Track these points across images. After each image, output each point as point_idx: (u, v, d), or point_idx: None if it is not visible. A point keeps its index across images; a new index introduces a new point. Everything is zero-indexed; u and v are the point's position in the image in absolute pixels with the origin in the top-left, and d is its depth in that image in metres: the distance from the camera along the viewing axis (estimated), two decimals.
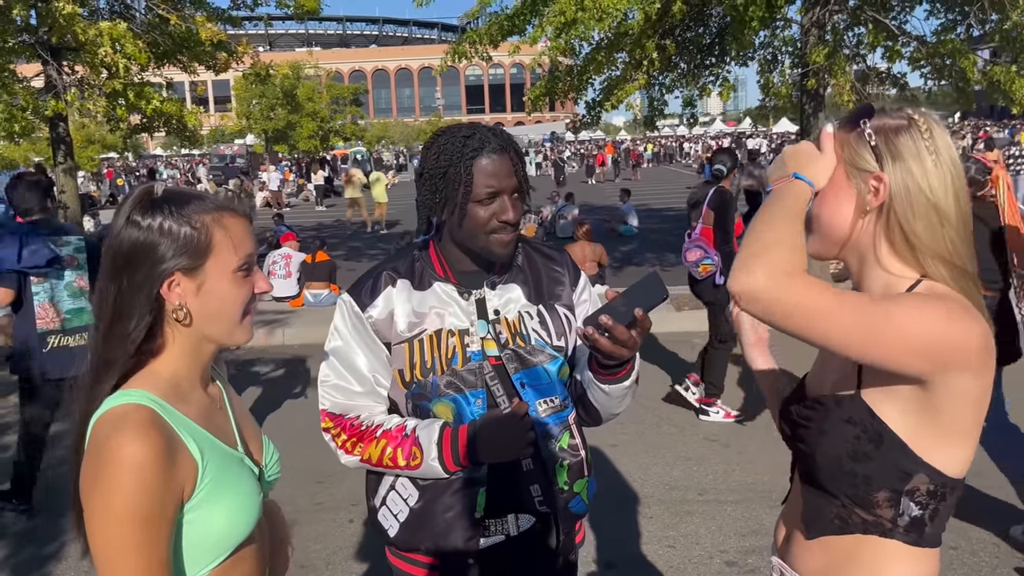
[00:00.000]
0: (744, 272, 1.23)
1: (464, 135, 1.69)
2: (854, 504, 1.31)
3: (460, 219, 1.68)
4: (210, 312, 1.28)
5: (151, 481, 1.13)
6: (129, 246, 1.23)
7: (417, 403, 1.75)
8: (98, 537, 1.14)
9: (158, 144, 57.82)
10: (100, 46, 7.49)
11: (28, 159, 33.55)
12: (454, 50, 9.59)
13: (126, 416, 1.17)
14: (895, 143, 1.28)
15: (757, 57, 10.36)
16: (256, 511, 1.31)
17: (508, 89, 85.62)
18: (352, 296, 1.79)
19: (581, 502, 1.83)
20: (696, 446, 5.05)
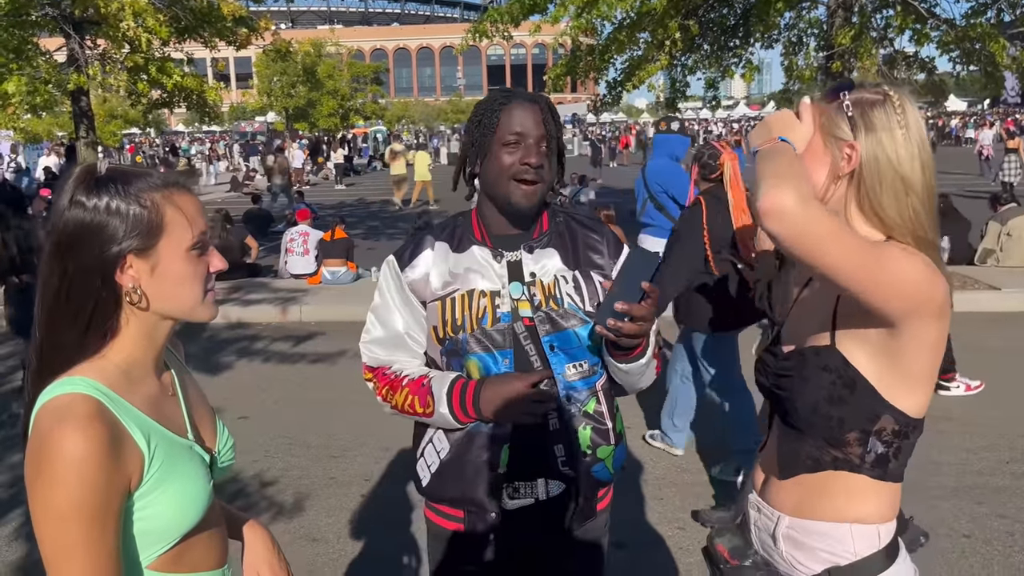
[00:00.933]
0: (776, 189, 1.28)
1: (502, 89, 1.82)
2: (827, 444, 1.45)
3: (489, 162, 1.76)
4: (166, 293, 1.23)
5: (95, 475, 1.10)
6: (75, 227, 1.17)
7: (450, 359, 1.82)
8: (44, 532, 1.11)
9: (180, 120, 58.09)
10: (122, 20, 7.51)
11: (52, 133, 33.83)
12: (475, 29, 9.55)
13: (69, 407, 1.13)
14: (870, 115, 1.40)
15: (782, 39, 10.22)
16: (205, 498, 1.28)
17: (530, 70, 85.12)
18: (395, 257, 1.90)
19: (605, 469, 1.85)
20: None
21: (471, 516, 1.83)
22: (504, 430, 1.76)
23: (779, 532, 1.53)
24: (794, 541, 1.51)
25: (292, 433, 5.17)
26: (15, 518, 4.12)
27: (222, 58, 13.00)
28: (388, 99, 54.07)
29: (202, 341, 7.59)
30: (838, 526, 1.47)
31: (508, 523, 1.81)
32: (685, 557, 3.61)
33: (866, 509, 1.47)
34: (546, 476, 1.81)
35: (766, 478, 1.60)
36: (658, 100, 13.13)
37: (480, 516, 1.82)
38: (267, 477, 4.53)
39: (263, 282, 9.93)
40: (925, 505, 3.86)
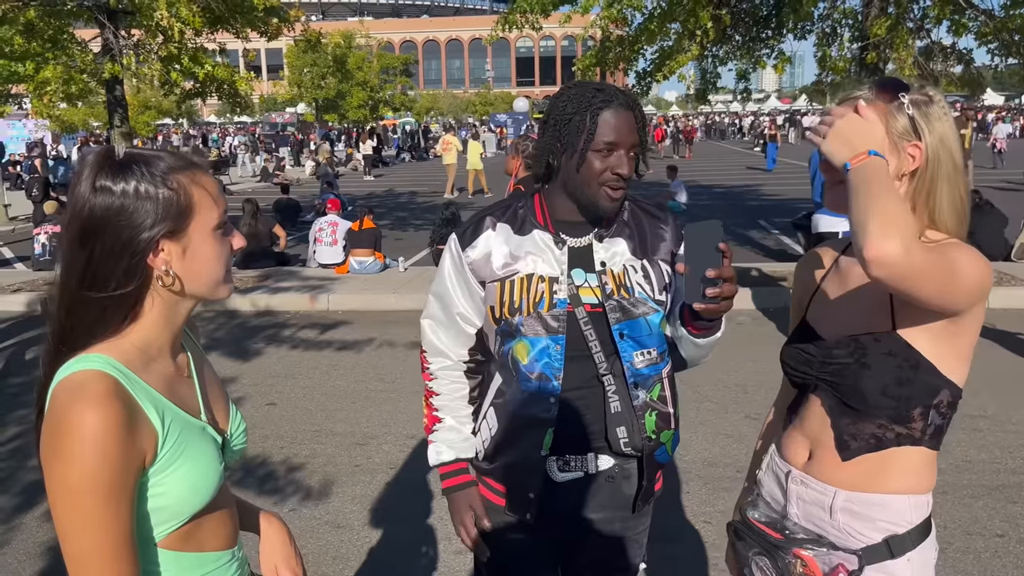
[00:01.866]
0: (884, 239, 1.32)
1: (595, 87, 1.80)
2: (891, 422, 1.54)
3: (577, 166, 1.77)
4: (195, 274, 1.24)
5: (111, 452, 1.10)
6: (103, 212, 1.16)
7: (503, 339, 1.87)
8: (59, 508, 1.12)
9: (212, 111, 58.67)
10: (156, 9, 7.58)
11: (87, 123, 34.33)
12: (504, 19, 9.50)
13: (86, 385, 1.13)
14: (928, 115, 1.49)
15: (815, 30, 10.03)
16: (216, 478, 1.28)
17: (559, 61, 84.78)
18: (457, 236, 1.94)
19: (665, 452, 1.92)
20: (737, 424, 4.99)
21: (512, 492, 1.91)
22: (550, 415, 1.81)
23: (836, 505, 1.59)
24: (852, 513, 1.58)
25: (318, 420, 5.21)
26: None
27: (253, 49, 13.08)
28: (417, 91, 54.16)
29: (231, 328, 7.67)
30: (897, 497, 1.56)
31: (556, 494, 1.87)
32: (712, 552, 3.58)
33: (919, 480, 1.58)
34: (596, 451, 1.85)
35: (811, 457, 1.65)
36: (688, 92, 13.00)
37: (521, 492, 1.89)
38: (294, 463, 4.57)
39: (292, 271, 10.01)
40: (959, 504, 3.80)
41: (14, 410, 5.52)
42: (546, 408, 1.81)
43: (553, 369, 1.80)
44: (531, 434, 1.83)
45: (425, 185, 22.65)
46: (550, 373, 1.80)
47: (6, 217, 16.07)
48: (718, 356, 6.22)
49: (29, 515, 4.02)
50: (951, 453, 4.34)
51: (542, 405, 1.81)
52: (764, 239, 12.20)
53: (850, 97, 1.54)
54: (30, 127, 24.16)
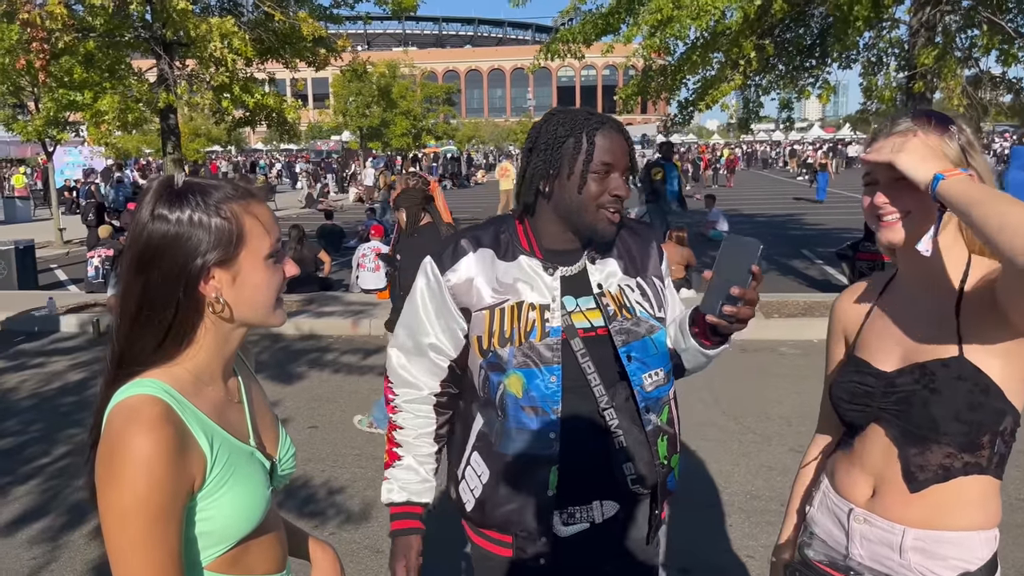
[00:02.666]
0: None
1: (586, 111, 1.76)
2: (960, 450, 1.50)
3: (578, 188, 1.70)
4: (246, 301, 1.26)
5: (162, 476, 1.13)
6: (159, 239, 1.19)
7: (490, 373, 1.75)
8: (111, 530, 1.15)
9: (259, 139, 59.95)
10: (210, 41, 7.82)
11: (140, 150, 35.29)
12: (547, 48, 9.61)
13: (139, 410, 1.16)
14: (973, 144, 1.52)
15: (860, 59, 9.96)
16: (264, 503, 1.30)
17: (600, 91, 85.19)
18: (434, 259, 1.82)
19: (674, 478, 1.85)
20: (781, 456, 4.91)
21: (520, 540, 1.78)
22: (551, 451, 1.70)
23: (906, 544, 1.55)
24: (924, 552, 1.54)
25: (360, 444, 5.25)
26: (96, 517, 4.28)
27: (301, 78, 13.38)
28: (459, 119, 54.76)
29: (275, 351, 7.78)
30: (969, 535, 1.53)
31: (562, 549, 1.76)
32: None
33: (988, 513, 1.55)
34: (600, 498, 1.76)
35: (875, 494, 1.60)
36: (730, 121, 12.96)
37: (530, 540, 1.76)
38: (335, 486, 4.60)
39: (335, 296, 10.14)
40: (1013, 543, 3.68)
41: (64, 429, 5.65)
42: (547, 444, 1.70)
43: (551, 402, 1.70)
44: (534, 475, 1.72)
45: (466, 212, 22.82)
46: (548, 407, 1.70)
47: (61, 241, 16.55)
48: (761, 387, 6.12)
49: (76, 533, 4.11)
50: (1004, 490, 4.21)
51: (542, 442, 1.70)
52: (808, 269, 12.04)
53: (899, 130, 1.50)
54: (86, 154, 24.94)
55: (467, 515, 1.85)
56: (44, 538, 4.07)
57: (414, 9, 9.25)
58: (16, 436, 5.55)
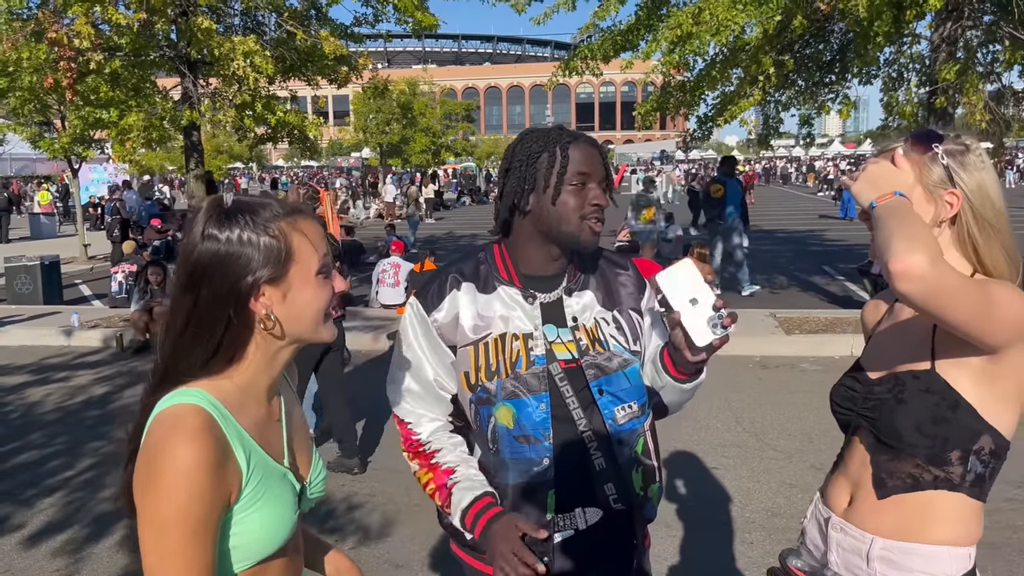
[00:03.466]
0: (910, 252, 1.34)
1: (558, 127, 1.77)
2: (928, 463, 1.52)
3: (553, 199, 1.70)
4: (296, 317, 1.27)
5: (202, 487, 1.14)
6: (209, 258, 1.21)
7: (480, 407, 1.76)
8: (148, 539, 1.15)
9: (280, 156, 60.57)
10: (233, 59, 7.94)
11: (163, 167, 35.76)
12: (565, 65, 9.65)
13: (183, 419, 1.17)
14: (964, 163, 1.53)
15: (881, 74, 9.92)
16: (290, 525, 1.30)
17: (619, 107, 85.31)
18: (419, 299, 1.82)
19: (653, 507, 1.85)
20: (802, 473, 4.86)
21: None
22: (548, 477, 1.71)
23: (873, 554, 1.57)
24: (889, 562, 1.55)
25: (379, 458, 5.26)
26: (120, 529, 4.31)
27: (322, 95, 13.52)
28: (478, 136, 55.04)
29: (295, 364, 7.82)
30: (936, 548, 1.53)
31: (566, 558, 1.77)
32: None
33: (961, 531, 1.53)
34: (582, 505, 1.76)
35: (851, 500, 1.64)
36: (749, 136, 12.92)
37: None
38: (355, 501, 4.61)
39: (355, 311, 10.19)
40: (1003, 561, 3.63)
41: (88, 442, 5.71)
42: (543, 471, 1.72)
43: (541, 429, 1.71)
44: (533, 501, 1.73)
45: (485, 227, 22.91)
46: (539, 434, 1.71)
47: (86, 256, 16.78)
48: (782, 404, 6.08)
49: (100, 545, 4.14)
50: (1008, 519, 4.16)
51: (538, 468, 1.71)
52: (829, 285, 11.96)
53: (886, 149, 1.59)
54: (110, 170, 25.27)
55: (466, 543, 1.81)
56: (67, 549, 4.10)
57: (435, 28, 9.34)
58: (40, 449, 5.61)
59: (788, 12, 7.78)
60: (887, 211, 1.45)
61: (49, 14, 7.75)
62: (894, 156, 1.56)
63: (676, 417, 1.96)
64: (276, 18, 9.10)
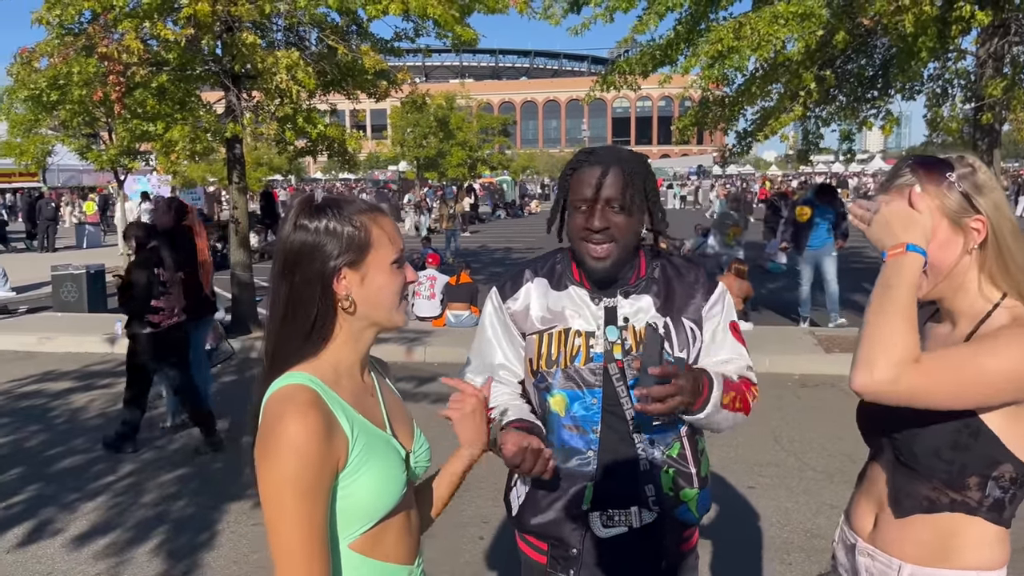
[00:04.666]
0: (866, 370, 1.40)
1: (588, 150, 1.88)
2: (945, 486, 1.50)
3: (559, 226, 1.93)
4: (372, 300, 1.40)
5: (310, 457, 1.26)
6: (299, 246, 1.36)
7: (540, 393, 1.90)
8: (267, 504, 1.28)
9: (318, 168, 61.34)
10: (275, 73, 8.06)
11: (205, 179, 36.42)
12: (603, 79, 9.66)
13: (292, 397, 1.31)
14: (978, 185, 1.50)
15: (925, 90, 9.78)
16: (401, 485, 1.40)
17: (655, 121, 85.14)
18: (498, 289, 2.01)
19: (689, 511, 1.89)
20: (843, 493, 4.73)
21: (554, 548, 1.89)
22: (589, 468, 1.82)
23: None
24: None
25: None
26: (160, 534, 4.37)
27: (361, 109, 13.68)
28: (514, 150, 55.26)
29: None
30: (962, 573, 1.52)
31: (601, 551, 1.86)
32: None
33: (986, 556, 1.52)
34: (639, 505, 1.85)
35: (876, 525, 1.63)
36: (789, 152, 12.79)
37: (562, 549, 1.88)
38: None
39: None
40: None
41: None
42: (585, 462, 1.83)
43: (591, 422, 1.82)
44: (571, 489, 1.84)
45: (519, 241, 22.94)
46: (587, 426, 1.82)
47: None
48: (822, 423, 5.97)
49: (140, 550, 4.20)
50: None
51: (581, 459, 1.83)
52: None
53: (897, 185, 1.53)
54: (154, 182, 25.79)
55: (512, 519, 1.97)
56: (109, 553, 4.17)
57: (475, 42, 9.39)
58: (84, 454, 5.72)
59: (830, 27, 7.71)
60: (881, 281, 1.47)
61: (99, 29, 7.94)
62: (911, 196, 1.49)
63: (712, 434, 1.96)
64: (318, 33, 9.23)
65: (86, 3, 7.81)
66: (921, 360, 1.40)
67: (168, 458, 5.61)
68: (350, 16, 9.40)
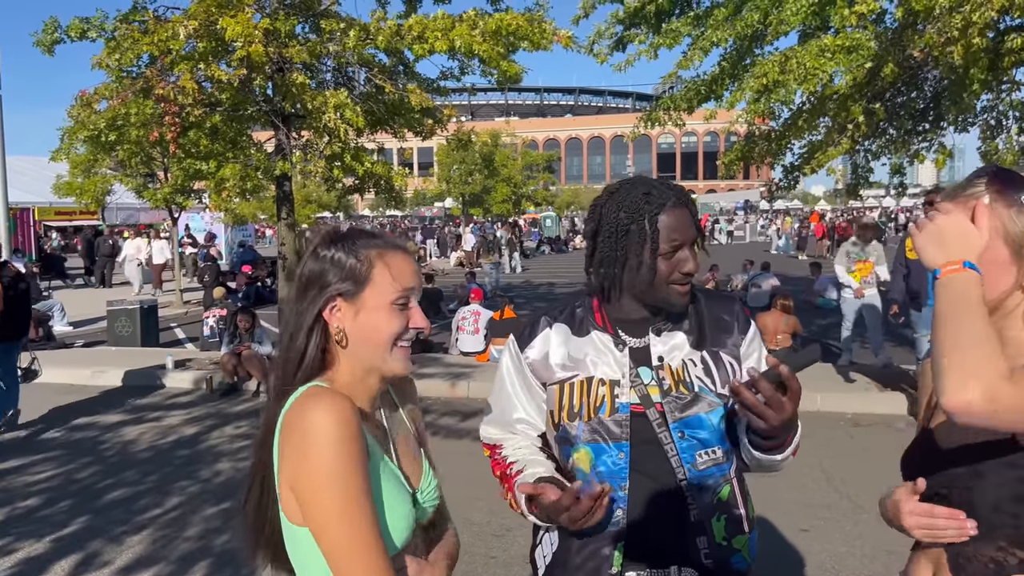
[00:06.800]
0: (961, 391, 1.22)
1: (643, 191, 1.74)
2: (1011, 545, 1.33)
3: (647, 274, 1.71)
4: (363, 337, 1.38)
5: (347, 443, 1.23)
6: (308, 273, 1.40)
7: (561, 447, 1.79)
8: (312, 507, 1.23)
9: (366, 206, 62.34)
10: (324, 113, 8.23)
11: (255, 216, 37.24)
12: (648, 116, 9.66)
13: (318, 395, 1.29)
14: None
15: (978, 122, 9.57)
16: (408, 523, 1.36)
17: (701, 156, 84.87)
18: (516, 337, 1.89)
19: (743, 559, 1.77)
20: (900, 537, 4.57)
21: None
22: (618, 528, 1.69)
23: None
24: None
25: (456, 508, 5.17)
26: (203, 568, 4.38)
27: (408, 147, 13.90)
28: (559, 186, 55.48)
29: None
30: None
31: None
32: None
33: None
34: (679, 564, 1.71)
35: None
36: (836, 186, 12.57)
37: None
38: None
39: (435, 357, 10.27)
40: None
41: (177, 480, 5.87)
42: (614, 521, 1.70)
43: (618, 479, 1.70)
44: (600, 551, 1.71)
45: (563, 276, 22.91)
46: (616, 483, 1.69)
47: (181, 301, 17.50)
48: (877, 464, 5.81)
49: None
50: None
51: (609, 518, 1.68)
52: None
53: (965, 195, 1.38)
54: (207, 219, 26.46)
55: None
56: None
57: (519, 79, 9.47)
58: (132, 486, 5.79)
59: (879, 60, 7.62)
60: (948, 298, 1.30)
61: (156, 72, 8.22)
62: (976, 210, 1.35)
63: (763, 475, 1.88)
64: (366, 73, 9.42)
65: (144, 47, 8.10)
66: (1014, 374, 1.25)
67: (213, 491, 5.65)
68: (397, 56, 9.59)
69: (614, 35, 9.56)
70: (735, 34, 8.20)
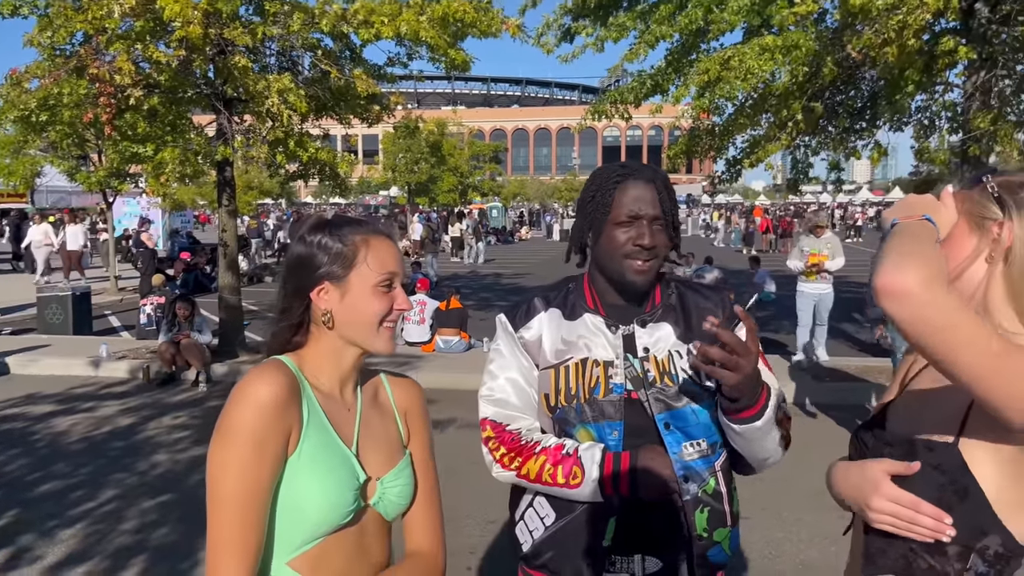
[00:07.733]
0: (896, 269, 1.17)
1: (620, 166, 1.80)
2: (923, 549, 1.30)
3: (604, 242, 1.75)
4: (349, 318, 1.45)
5: (267, 409, 1.31)
6: (295, 257, 1.47)
7: (563, 427, 1.78)
8: (213, 451, 1.32)
9: (309, 192, 61.38)
10: (267, 97, 8.06)
11: (195, 201, 36.36)
12: (594, 109, 9.71)
13: (264, 366, 1.39)
14: (1019, 194, 1.32)
15: (912, 122, 9.87)
16: (348, 503, 1.39)
17: (645, 150, 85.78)
18: (507, 317, 1.88)
19: (722, 552, 1.78)
20: (839, 525, 4.72)
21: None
22: (612, 502, 1.70)
23: None
24: None
25: None
26: (139, 563, 4.28)
27: (353, 134, 13.71)
28: (505, 176, 55.49)
29: None
30: None
31: None
32: None
33: None
34: (644, 552, 1.73)
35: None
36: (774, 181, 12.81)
37: None
38: None
39: None
40: None
41: (111, 473, 5.71)
42: (633, 497, 1.69)
43: None
44: (594, 524, 1.73)
45: (509, 267, 22.96)
46: None
47: (116, 288, 17.00)
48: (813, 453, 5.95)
49: None
50: None
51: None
52: (858, 332, 11.79)
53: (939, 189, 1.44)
54: (143, 204, 25.72)
55: (523, 554, 1.85)
56: None
57: (468, 68, 9.40)
58: (64, 479, 5.62)
59: (818, 60, 7.79)
60: (902, 228, 1.29)
61: (91, 51, 7.93)
62: (942, 193, 1.40)
63: None
64: (311, 57, 9.25)
65: (78, 24, 7.81)
66: (954, 290, 1.20)
67: (150, 484, 5.51)
68: (343, 41, 9.43)
69: (562, 26, 9.59)
70: (679, 29, 8.30)
